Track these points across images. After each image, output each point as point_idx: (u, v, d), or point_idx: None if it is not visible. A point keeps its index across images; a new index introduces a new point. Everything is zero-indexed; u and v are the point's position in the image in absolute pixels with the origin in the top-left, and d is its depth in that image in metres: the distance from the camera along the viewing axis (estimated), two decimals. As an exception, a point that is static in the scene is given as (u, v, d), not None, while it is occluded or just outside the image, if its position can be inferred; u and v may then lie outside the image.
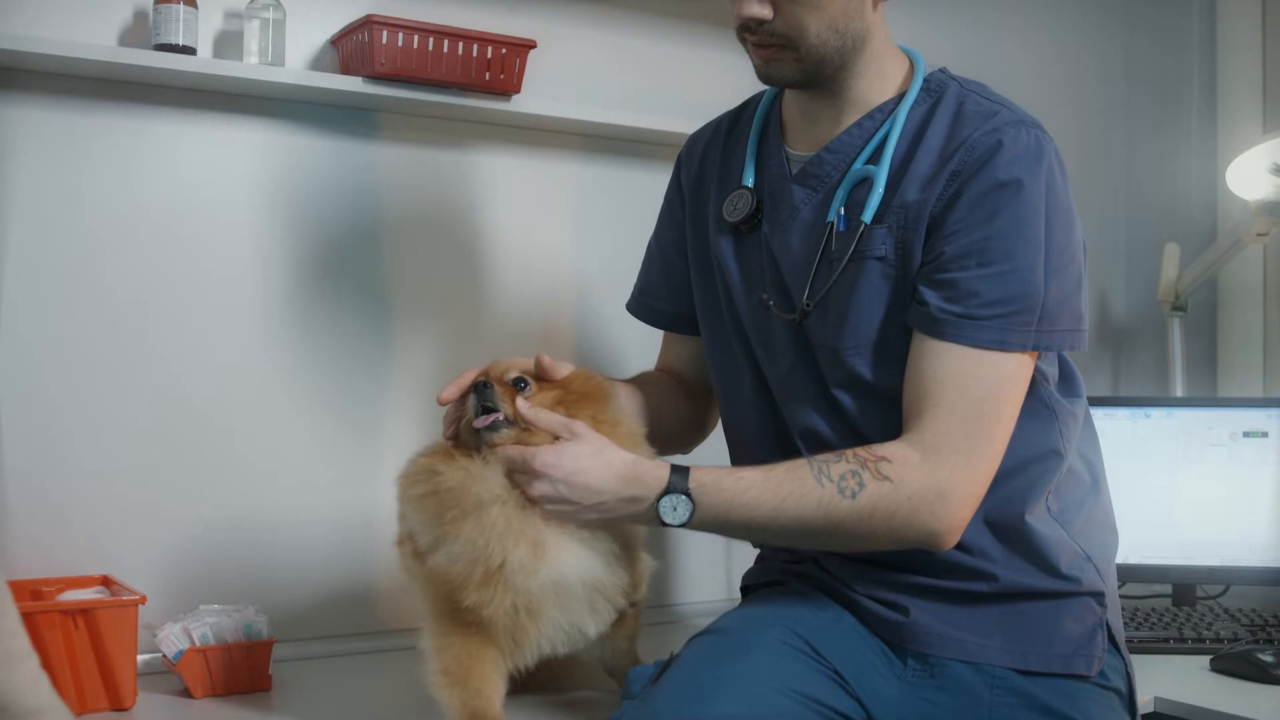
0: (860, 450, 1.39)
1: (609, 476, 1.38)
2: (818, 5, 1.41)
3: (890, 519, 1.37)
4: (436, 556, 1.42)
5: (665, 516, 1.38)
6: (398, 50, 1.91)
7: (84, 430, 1.85)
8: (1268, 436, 2.23)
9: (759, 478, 1.38)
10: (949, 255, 1.41)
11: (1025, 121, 1.45)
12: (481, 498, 1.39)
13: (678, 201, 1.71)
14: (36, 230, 1.82)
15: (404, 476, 1.50)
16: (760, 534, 1.47)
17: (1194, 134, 2.75)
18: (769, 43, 1.44)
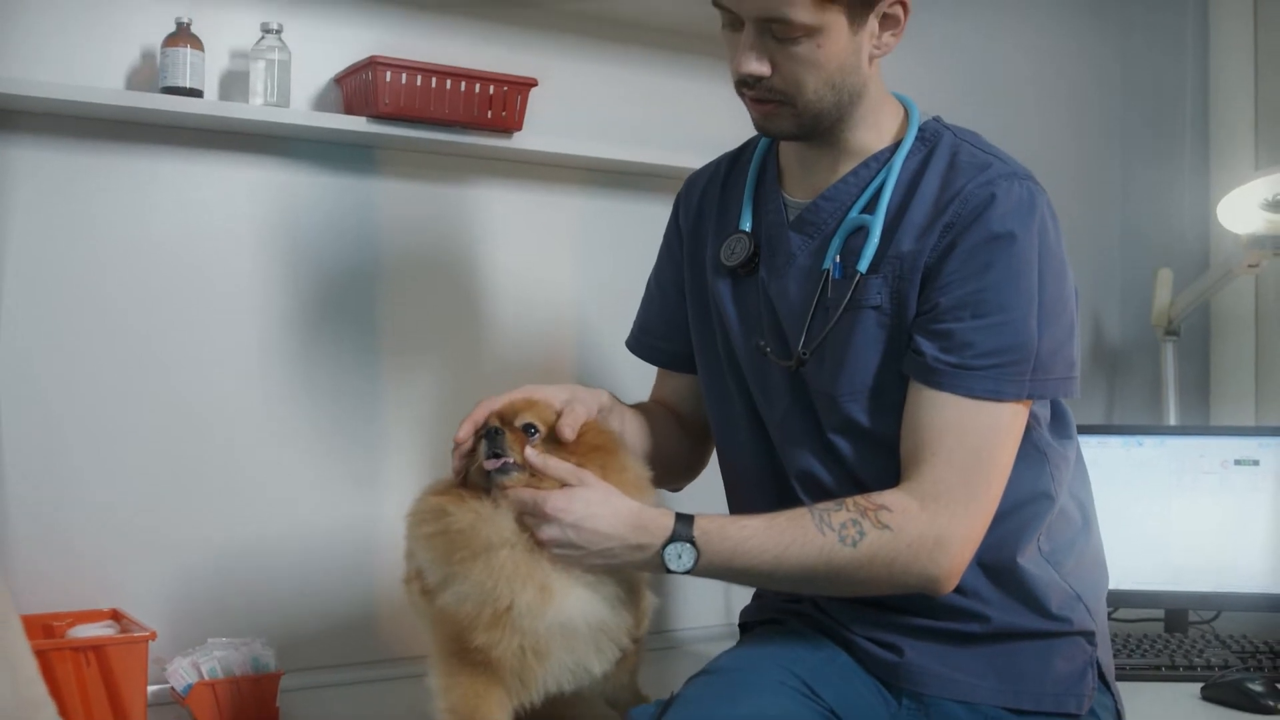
0: (860, 499, 1.42)
1: (617, 523, 1.40)
2: (815, 63, 1.43)
3: (890, 566, 1.40)
4: (445, 596, 1.45)
5: (670, 564, 1.41)
6: (401, 90, 1.94)
7: (91, 462, 1.88)
8: (1259, 464, 2.27)
9: (761, 526, 1.41)
10: (945, 306, 1.44)
11: (1018, 174, 1.48)
12: (491, 540, 1.42)
13: (676, 241, 1.74)
14: (45, 265, 1.85)
15: (413, 515, 1.51)
16: (763, 581, 1.50)
17: (1187, 166, 2.80)
18: (767, 98, 1.47)
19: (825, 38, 1.42)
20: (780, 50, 1.43)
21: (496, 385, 2.11)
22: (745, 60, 1.44)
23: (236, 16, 1.96)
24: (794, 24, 1.39)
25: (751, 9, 1.41)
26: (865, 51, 1.46)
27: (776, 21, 1.40)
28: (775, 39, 1.42)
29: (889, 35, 1.48)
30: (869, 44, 1.46)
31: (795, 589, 1.54)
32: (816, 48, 1.42)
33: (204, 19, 1.91)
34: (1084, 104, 2.89)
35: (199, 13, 1.91)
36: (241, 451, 1.99)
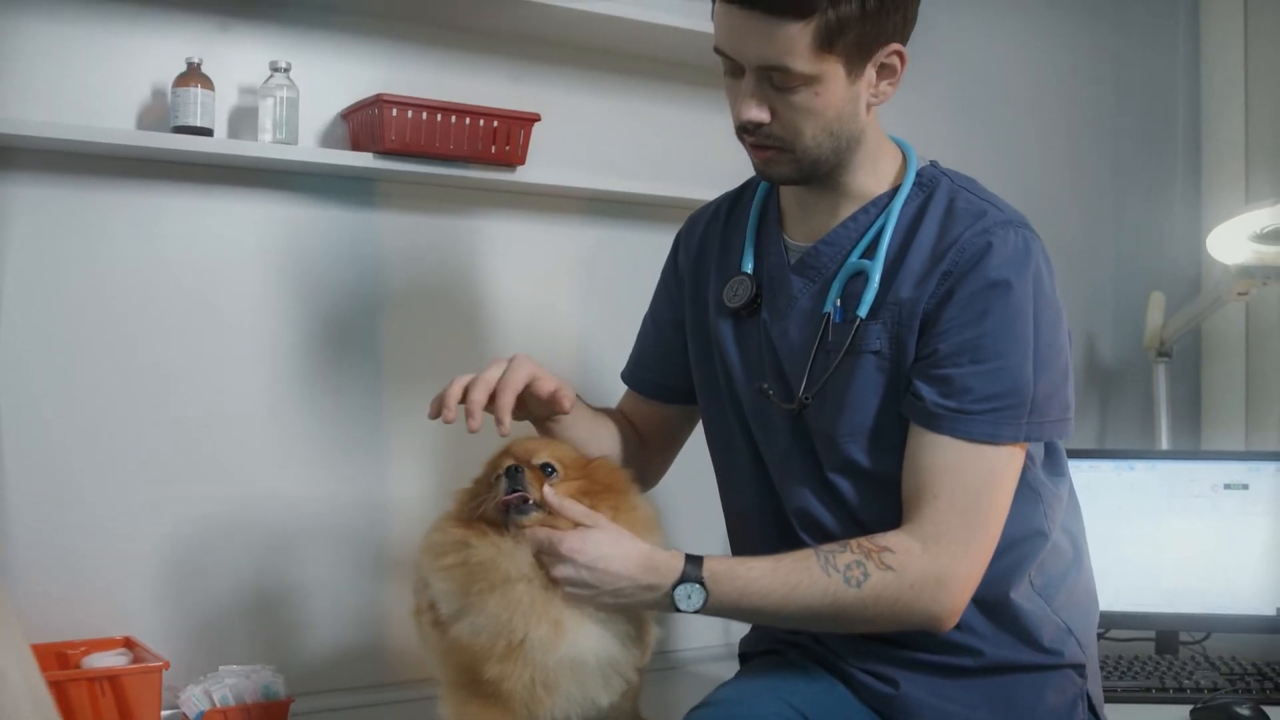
0: (864, 540, 1.46)
1: (628, 565, 1.44)
2: (813, 110, 1.47)
3: (894, 605, 1.44)
4: (459, 627, 1.48)
5: (680, 604, 1.44)
6: (406, 126, 1.98)
7: (101, 490, 1.92)
8: (1248, 488, 2.31)
9: (768, 567, 1.45)
10: (943, 353, 1.48)
11: (1013, 221, 1.52)
12: (509, 574, 1.45)
13: (674, 280, 1.78)
14: (58, 297, 1.90)
15: (433, 546, 1.54)
16: (770, 620, 1.54)
17: (1179, 195, 2.88)
18: (767, 145, 1.51)
19: (823, 86, 1.45)
20: (779, 98, 1.46)
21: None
22: (745, 108, 1.48)
23: (246, 55, 2.00)
24: (793, 73, 1.43)
25: (752, 57, 1.45)
26: (863, 100, 1.50)
27: (776, 70, 1.44)
28: (774, 87, 1.46)
29: (886, 84, 1.51)
30: (866, 93, 1.50)
31: (801, 627, 1.58)
32: (815, 96, 1.46)
33: (214, 56, 1.95)
34: (1079, 132, 2.95)
35: (209, 50, 1.95)
36: (251, 480, 2.03)
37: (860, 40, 1.43)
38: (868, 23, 1.43)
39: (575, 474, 1.55)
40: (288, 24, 2.04)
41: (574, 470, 1.55)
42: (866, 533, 1.49)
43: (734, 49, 1.46)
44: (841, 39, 1.42)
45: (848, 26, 1.41)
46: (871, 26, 1.44)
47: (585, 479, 1.55)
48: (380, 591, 2.11)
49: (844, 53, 1.44)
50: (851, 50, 1.44)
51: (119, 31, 1.92)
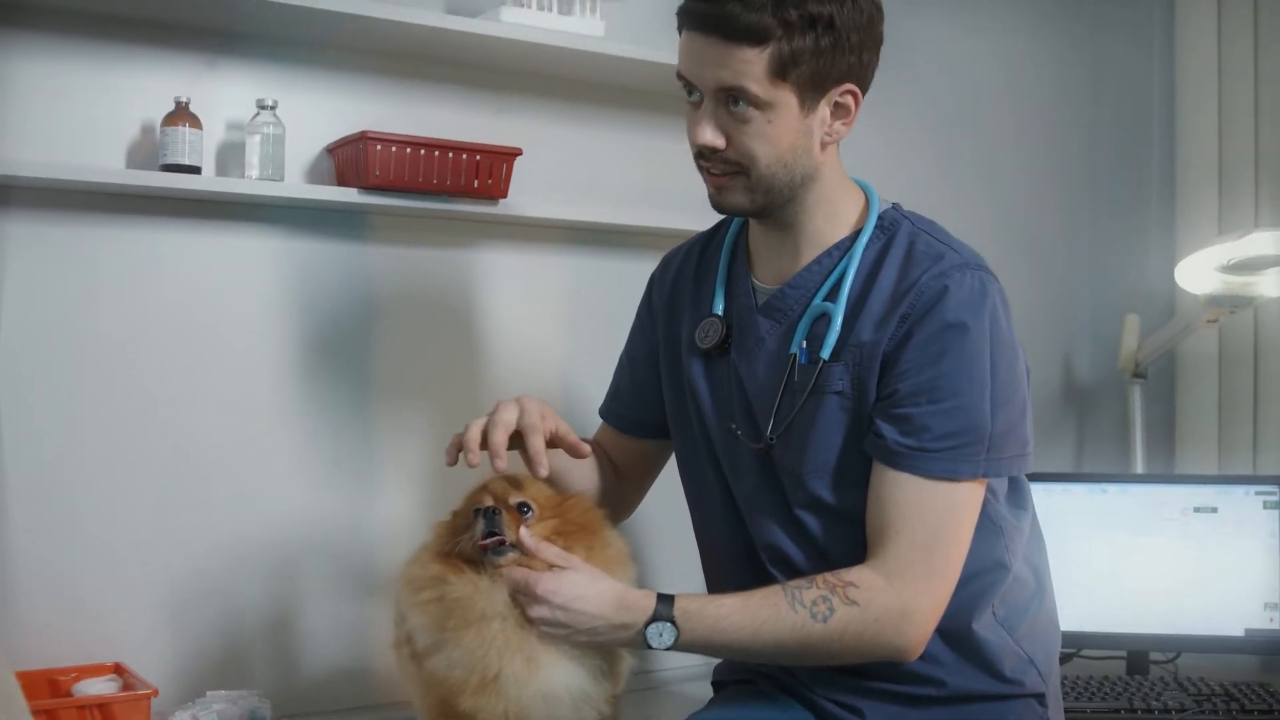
0: (829, 576, 1.51)
1: (602, 604, 1.49)
2: (767, 137, 1.52)
3: (859, 639, 1.49)
4: (435, 660, 1.52)
5: (652, 642, 1.49)
6: (390, 161, 2.02)
7: (93, 516, 1.96)
8: (1217, 511, 2.36)
9: (738, 605, 1.50)
10: (903, 393, 1.52)
11: (970, 264, 1.56)
12: (485, 612, 1.50)
13: (649, 320, 1.83)
14: (51, 329, 1.93)
15: (411, 581, 1.58)
16: (740, 655, 1.59)
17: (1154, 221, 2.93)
18: (722, 171, 1.56)
19: (776, 115, 1.51)
20: (735, 125, 1.52)
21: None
22: (701, 131, 1.54)
23: (232, 92, 2.04)
24: (749, 95, 1.49)
25: (710, 80, 1.51)
26: (816, 136, 1.55)
27: (733, 92, 1.49)
28: (730, 114, 1.51)
29: (840, 124, 1.56)
30: (820, 130, 1.55)
31: (771, 661, 1.62)
32: (768, 124, 1.51)
33: (201, 93, 1.99)
34: (1059, 159, 3.02)
35: (196, 87, 1.99)
36: (240, 508, 2.07)
37: (813, 74, 1.49)
38: (821, 58, 1.48)
39: (550, 513, 1.59)
40: (274, 61, 2.08)
41: (549, 509, 1.59)
42: (833, 567, 1.53)
43: (694, 73, 1.53)
44: (795, 69, 1.48)
45: (801, 58, 1.47)
46: (825, 62, 1.49)
47: (559, 518, 1.59)
48: (367, 617, 2.16)
49: (797, 84, 1.49)
50: (804, 83, 1.50)
51: (108, 70, 1.95)
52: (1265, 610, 2.33)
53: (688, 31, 1.51)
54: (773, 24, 1.45)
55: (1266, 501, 2.34)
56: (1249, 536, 2.34)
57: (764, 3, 1.45)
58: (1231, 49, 2.73)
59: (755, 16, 1.45)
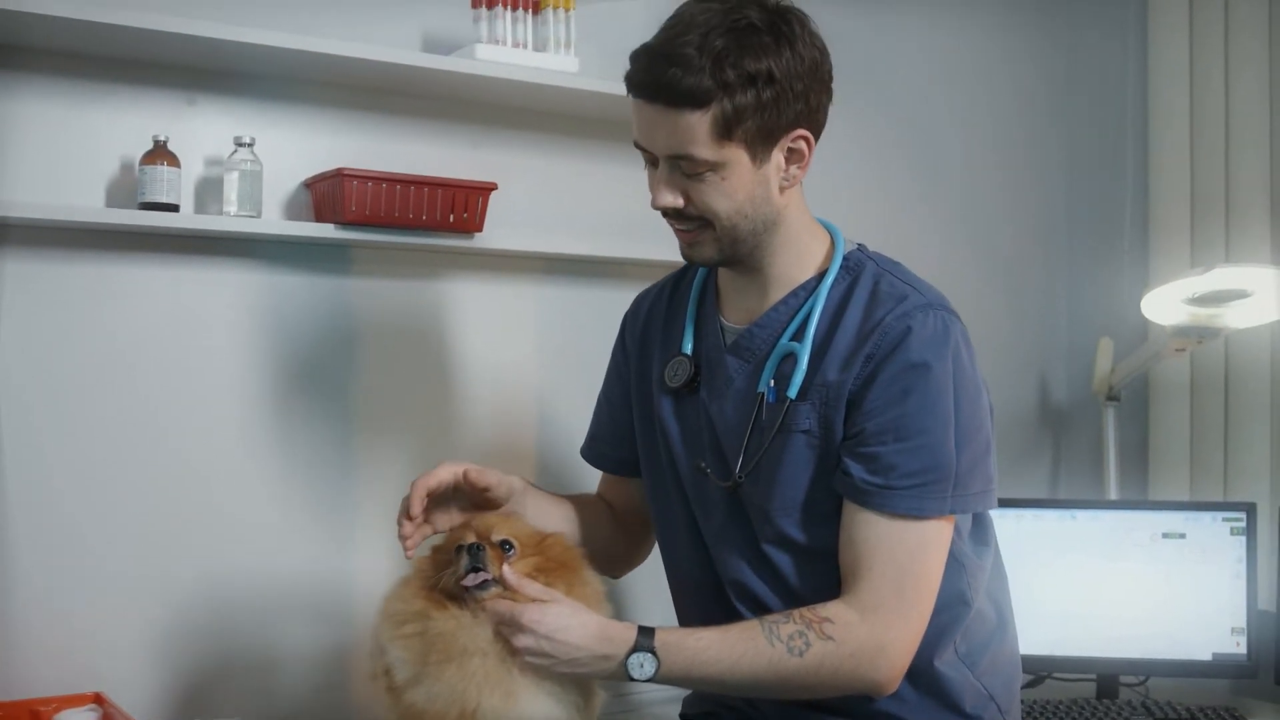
0: (805, 611, 1.53)
1: (585, 636, 1.51)
2: (723, 192, 1.55)
3: (835, 674, 1.52)
4: (415, 693, 1.53)
5: (633, 673, 1.51)
6: (367, 197, 2.05)
7: (72, 550, 1.98)
8: (1185, 538, 2.39)
9: (716, 638, 1.53)
10: (869, 432, 1.55)
11: (933, 304, 1.59)
12: (467, 648, 1.52)
13: (623, 359, 1.86)
14: (35, 365, 1.96)
15: (393, 615, 1.59)
16: (719, 688, 1.61)
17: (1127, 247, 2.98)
18: (688, 226, 1.60)
19: (729, 172, 1.54)
20: (690, 184, 1.55)
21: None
22: (660, 194, 1.58)
23: (210, 130, 2.07)
24: (697, 160, 1.52)
25: (661, 147, 1.55)
26: (774, 183, 1.58)
27: (683, 158, 1.53)
28: (685, 174, 1.55)
29: (795, 169, 1.59)
30: (776, 177, 1.58)
31: (748, 694, 1.65)
32: (721, 181, 1.54)
33: (179, 131, 2.02)
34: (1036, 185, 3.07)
35: (175, 124, 2.02)
36: (222, 540, 2.10)
37: (760, 128, 1.52)
38: (765, 112, 1.51)
39: (531, 550, 1.61)
40: (251, 98, 2.10)
41: (530, 547, 1.62)
42: (800, 603, 1.56)
43: (645, 140, 1.57)
44: (740, 127, 1.51)
45: (744, 115, 1.50)
46: (770, 115, 1.52)
47: (540, 555, 1.61)
48: (348, 647, 2.18)
49: (744, 140, 1.52)
50: (752, 137, 1.52)
51: (87, 108, 1.98)
52: (1232, 635, 2.36)
53: (634, 99, 1.55)
54: (711, 86, 1.48)
55: (1234, 528, 2.37)
56: (1216, 562, 2.37)
57: (701, 65, 1.47)
58: (1204, 89, 2.78)
59: (694, 80, 1.47)
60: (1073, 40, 3.07)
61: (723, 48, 1.48)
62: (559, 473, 2.35)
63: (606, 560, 1.82)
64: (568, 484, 2.34)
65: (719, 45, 1.48)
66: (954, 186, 2.91)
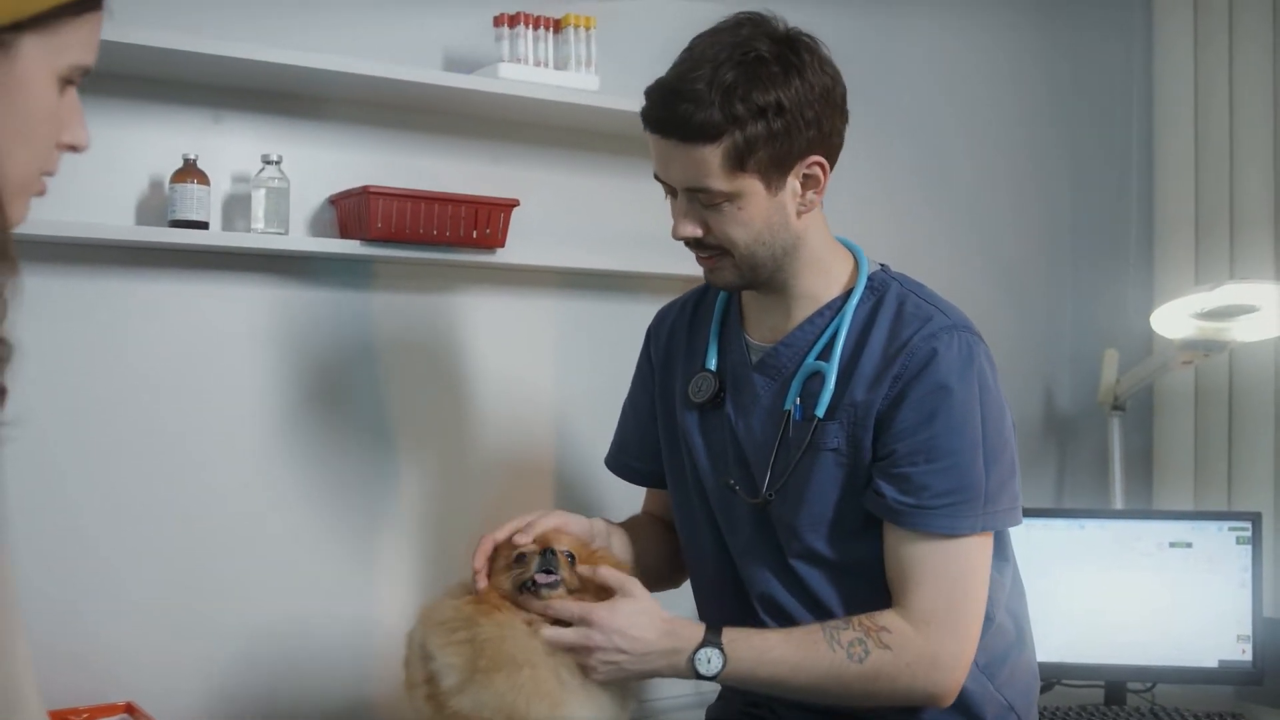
0: (864, 619, 1.58)
1: (654, 629, 1.54)
2: (741, 221, 1.59)
3: (894, 683, 1.56)
4: (462, 700, 1.55)
5: (700, 668, 1.55)
6: (392, 214, 2.08)
7: (104, 559, 2.01)
8: (1192, 547, 2.43)
9: (781, 639, 1.57)
10: (900, 453, 1.59)
11: (957, 325, 1.63)
12: (515, 658, 1.54)
13: (648, 372, 1.89)
14: (65, 375, 1.98)
15: (442, 623, 1.60)
16: (781, 689, 1.62)
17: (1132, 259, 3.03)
18: (709, 254, 1.64)
19: (745, 201, 1.58)
20: (709, 214, 1.60)
21: (483, 482, 2.29)
22: (680, 226, 1.62)
23: (238, 148, 2.10)
24: (713, 191, 1.56)
25: (678, 180, 1.59)
26: (790, 209, 1.61)
27: (699, 191, 1.57)
28: (703, 205, 1.59)
29: (812, 194, 1.62)
30: (793, 203, 1.61)
31: (810, 699, 1.64)
32: (738, 210, 1.58)
33: (208, 149, 2.05)
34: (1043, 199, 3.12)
35: (203, 143, 2.05)
36: (250, 548, 2.13)
37: (772, 158, 1.56)
38: (776, 142, 1.55)
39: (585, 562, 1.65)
40: (278, 116, 2.14)
41: (584, 560, 1.65)
42: (827, 616, 1.61)
43: (664, 173, 1.61)
44: (752, 158, 1.54)
45: (756, 146, 1.54)
46: (782, 145, 1.55)
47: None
48: (374, 657, 2.22)
49: (758, 170, 1.56)
50: (765, 167, 1.56)
51: (119, 127, 2.01)
52: (1238, 642, 2.40)
53: (650, 134, 1.59)
54: (722, 119, 1.52)
55: (1239, 537, 2.41)
56: (1222, 571, 2.41)
57: (712, 100, 1.51)
58: (1209, 110, 2.83)
59: (705, 114, 1.52)
60: (1079, 56, 3.12)
61: (732, 81, 1.52)
62: (577, 486, 2.40)
63: (665, 573, 1.88)
64: (585, 497, 2.39)
65: (728, 79, 1.52)
66: (962, 199, 2.95)
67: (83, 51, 0.99)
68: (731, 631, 1.57)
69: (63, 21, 0.96)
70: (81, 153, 1.08)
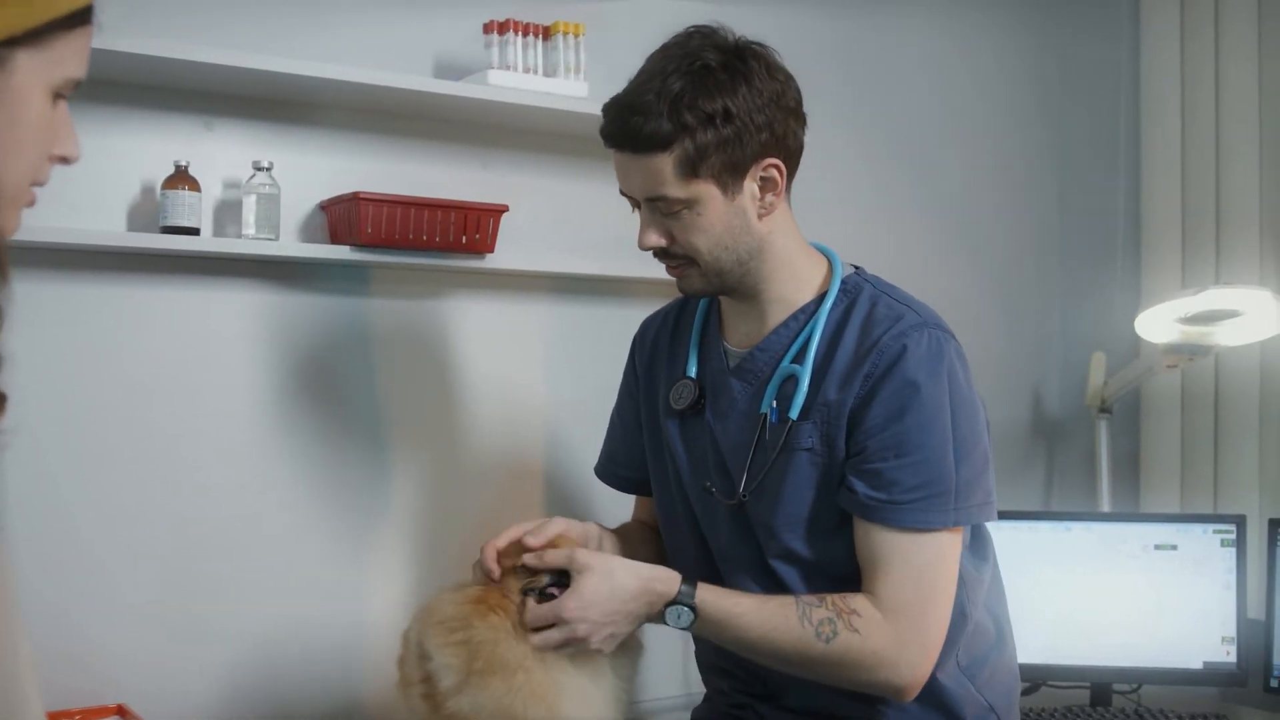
0: (837, 599, 1.59)
1: (625, 591, 1.56)
2: (701, 227, 1.62)
3: (857, 667, 1.58)
4: (459, 700, 1.56)
5: (670, 621, 1.59)
6: (382, 220, 2.10)
7: (97, 561, 2.02)
8: (1177, 549, 2.45)
9: (753, 605, 1.60)
10: (871, 449, 1.61)
11: (928, 323, 1.65)
12: (508, 662, 1.56)
13: (633, 380, 1.91)
14: (58, 381, 2.00)
15: (441, 622, 1.61)
16: (748, 652, 1.65)
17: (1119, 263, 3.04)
18: (675, 263, 1.67)
19: (703, 207, 1.61)
20: (671, 223, 1.63)
21: (475, 485, 2.31)
22: (644, 236, 1.66)
23: (229, 154, 2.12)
24: (671, 199, 1.59)
25: (637, 190, 1.63)
26: (751, 213, 1.63)
27: (658, 199, 1.61)
28: (663, 214, 1.62)
29: (771, 196, 1.64)
30: (753, 206, 1.63)
31: (775, 666, 1.66)
32: (697, 217, 1.61)
33: (199, 155, 2.07)
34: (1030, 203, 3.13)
35: (194, 149, 2.07)
36: (241, 551, 2.15)
37: (726, 163, 1.59)
38: (728, 147, 1.58)
39: None
40: (269, 122, 2.16)
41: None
42: None
43: (625, 186, 1.66)
44: (704, 164, 1.57)
45: (708, 153, 1.57)
46: (734, 150, 1.58)
47: None
48: (365, 659, 2.23)
49: (712, 175, 1.59)
50: (719, 172, 1.59)
51: (110, 134, 2.03)
52: (1222, 644, 2.42)
53: (610, 148, 1.64)
54: (671, 129, 1.55)
55: (1224, 540, 2.43)
56: (1207, 573, 2.43)
57: (660, 110, 1.55)
58: (1196, 115, 2.85)
59: (654, 124, 1.55)
60: (1066, 60, 3.14)
61: (679, 90, 1.56)
62: (568, 488, 2.41)
63: None
64: (575, 499, 2.41)
65: (676, 88, 1.56)
66: (949, 203, 2.97)
67: (74, 65, 1.02)
68: (706, 590, 1.60)
69: (55, 36, 0.99)
70: (72, 164, 1.10)
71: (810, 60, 2.72)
